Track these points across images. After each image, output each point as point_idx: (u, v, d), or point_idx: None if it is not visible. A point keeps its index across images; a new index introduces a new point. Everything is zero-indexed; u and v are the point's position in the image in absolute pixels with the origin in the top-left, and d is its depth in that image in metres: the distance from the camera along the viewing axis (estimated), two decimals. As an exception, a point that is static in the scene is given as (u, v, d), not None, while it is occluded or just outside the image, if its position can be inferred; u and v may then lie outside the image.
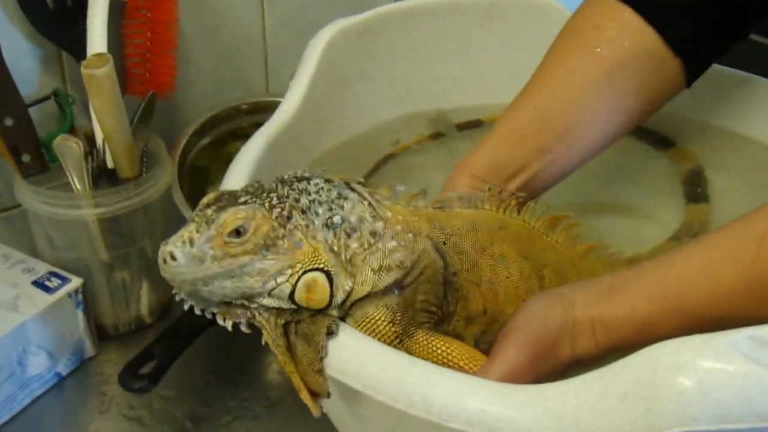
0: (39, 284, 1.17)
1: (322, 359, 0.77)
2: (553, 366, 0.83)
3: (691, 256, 0.83)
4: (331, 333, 0.78)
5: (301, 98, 1.16)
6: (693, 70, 1.08)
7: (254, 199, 0.78)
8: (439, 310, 0.87)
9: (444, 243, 0.87)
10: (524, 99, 1.08)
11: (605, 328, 0.83)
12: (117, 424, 1.14)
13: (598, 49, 1.05)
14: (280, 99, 1.16)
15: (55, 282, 1.17)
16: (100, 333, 1.25)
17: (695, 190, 1.24)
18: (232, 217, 0.76)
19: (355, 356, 0.76)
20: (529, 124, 1.06)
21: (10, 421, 1.13)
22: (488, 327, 0.90)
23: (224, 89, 1.52)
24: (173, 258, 0.75)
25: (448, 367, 0.80)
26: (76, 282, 1.18)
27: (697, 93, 1.15)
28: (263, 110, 1.45)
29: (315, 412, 0.80)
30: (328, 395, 0.79)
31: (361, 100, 1.33)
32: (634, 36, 1.04)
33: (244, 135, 1.39)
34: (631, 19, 1.04)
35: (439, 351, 0.82)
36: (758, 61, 1.28)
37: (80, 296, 1.18)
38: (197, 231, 0.76)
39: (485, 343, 0.89)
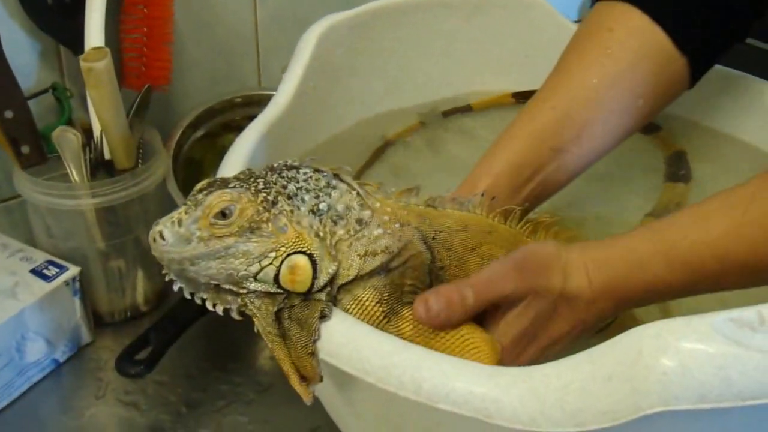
0: (37, 272, 1.17)
1: (315, 342, 0.78)
2: (546, 288, 0.83)
3: (685, 211, 0.87)
4: (324, 317, 0.78)
5: (294, 91, 1.16)
6: (697, 69, 1.10)
7: (242, 184, 0.78)
8: None
9: (433, 238, 0.88)
10: (541, 99, 1.09)
11: (598, 266, 0.84)
12: (113, 408, 1.14)
13: (610, 50, 1.07)
14: (273, 92, 1.16)
15: (52, 270, 1.17)
16: (97, 320, 1.26)
17: (677, 171, 1.25)
18: (217, 199, 0.76)
19: (346, 340, 0.76)
20: (547, 123, 1.07)
21: (8, 407, 1.13)
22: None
23: (217, 83, 1.52)
24: (162, 237, 0.76)
25: (434, 337, 0.81)
26: (73, 270, 1.18)
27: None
28: (256, 103, 1.46)
29: (306, 397, 0.80)
30: (321, 379, 0.79)
31: (351, 93, 1.33)
32: (643, 36, 1.06)
33: (237, 128, 1.39)
34: (640, 20, 1.06)
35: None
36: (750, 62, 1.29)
37: (77, 284, 1.18)
38: (186, 212, 0.77)
39: None
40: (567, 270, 0.84)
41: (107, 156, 1.23)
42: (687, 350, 0.62)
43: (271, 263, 0.77)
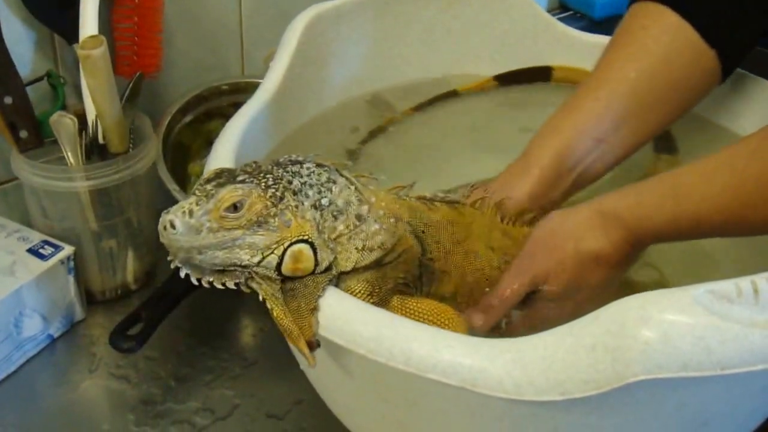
0: (34, 252, 1.16)
1: (318, 297, 0.78)
2: (558, 265, 0.90)
3: (691, 167, 0.89)
4: (330, 280, 0.80)
5: (281, 78, 1.16)
6: (727, 63, 1.11)
7: (251, 179, 0.79)
8: (414, 288, 0.89)
9: (423, 232, 0.90)
10: (584, 92, 1.11)
11: (607, 219, 0.89)
12: (105, 382, 1.14)
13: (646, 47, 1.09)
14: (257, 80, 1.18)
15: (48, 250, 1.17)
16: (89, 298, 1.25)
17: (666, 142, 1.24)
18: (229, 193, 0.77)
19: (339, 314, 0.76)
20: (589, 115, 1.08)
21: (5, 380, 1.13)
22: (456, 305, 0.92)
23: (203, 72, 1.51)
24: (173, 226, 0.76)
25: (420, 321, 0.82)
26: (68, 250, 1.17)
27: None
28: (242, 91, 1.46)
29: (311, 362, 0.79)
30: (318, 344, 0.79)
31: (335, 79, 1.33)
32: (675, 32, 1.08)
33: (223, 114, 1.39)
34: (671, 18, 1.08)
35: (411, 309, 0.85)
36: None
37: (72, 263, 1.18)
38: (197, 204, 0.77)
39: None
40: (578, 235, 0.89)
41: (101, 140, 1.22)
42: (669, 321, 0.62)
43: (273, 253, 0.78)
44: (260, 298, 0.80)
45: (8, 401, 1.10)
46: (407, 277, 0.87)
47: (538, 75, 1.41)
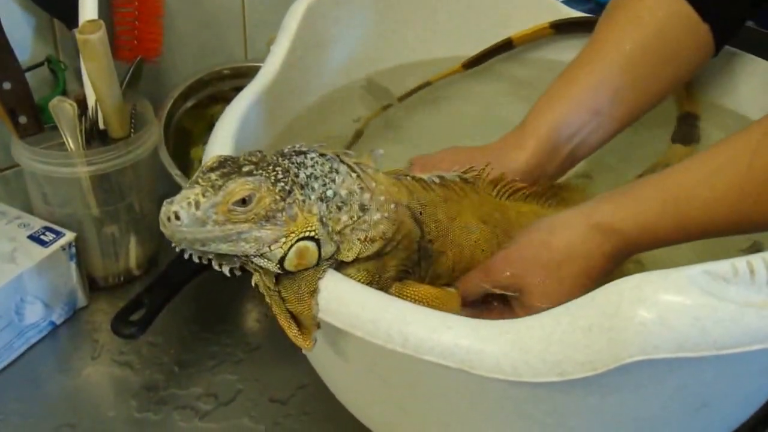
0: (34, 238, 1.17)
1: (319, 279, 0.78)
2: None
3: (689, 167, 0.87)
4: (331, 264, 0.80)
5: (282, 61, 1.15)
6: (720, 36, 1.11)
7: (259, 171, 0.77)
8: (412, 273, 0.89)
9: (420, 213, 0.89)
10: (579, 65, 1.12)
11: (608, 235, 0.87)
12: (108, 368, 1.14)
13: (640, 18, 1.10)
14: (259, 64, 1.16)
15: (49, 236, 1.17)
16: (91, 284, 1.25)
17: (686, 131, 1.24)
18: (240, 187, 0.75)
19: (336, 296, 0.77)
20: (585, 87, 1.09)
21: (8, 367, 1.14)
22: (452, 280, 0.93)
23: (206, 56, 1.51)
24: (177, 218, 0.74)
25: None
26: (69, 236, 1.18)
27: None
28: (244, 75, 1.45)
29: (307, 345, 0.80)
30: (318, 325, 0.79)
31: (336, 62, 1.33)
32: (669, 5, 1.08)
33: (225, 99, 1.39)
34: None
35: (409, 295, 0.85)
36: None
37: (73, 249, 1.18)
38: (203, 195, 0.75)
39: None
40: (570, 255, 0.88)
41: (102, 126, 1.22)
42: (665, 302, 0.62)
43: (279, 248, 0.77)
44: (253, 282, 0.81)
45: (11, 388, 1.11)
46: (406, 263, 0.87)
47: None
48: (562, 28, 1.39)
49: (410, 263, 0.88)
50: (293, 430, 1.05)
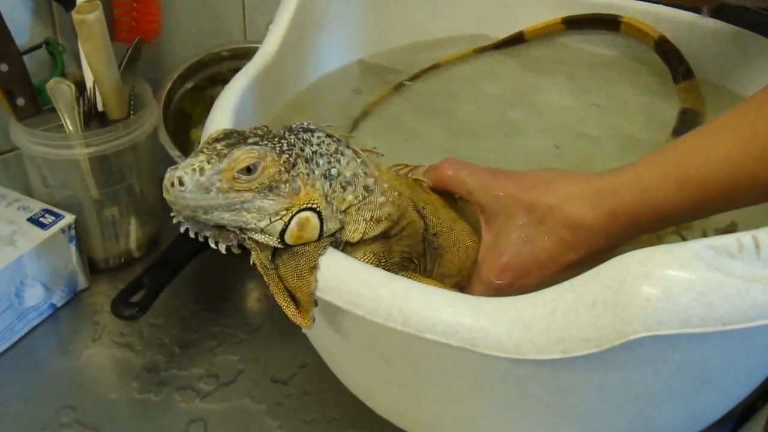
0: (34, 221, 1.16)
1: (320, 256, 0.78)
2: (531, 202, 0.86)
3: (691, 134, 0.83)
4: (332, 242, 0.80)
5: (280, 41, 1.15)
6: None
7: (264, 142, 0.77)
8: (419, 264, 0.88)
9: (423, 208, 0.89)
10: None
11: (602, 195, 0.83)
12: (109, 350, 1.14)
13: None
14: (258, 45, 1.15)
15: (49, 218, 1.16)
16: (92, 266, 1.25)
17: (687, 127, 1.21)
18: (245, 154, 0.75)
19: (335, 274, 0.76)
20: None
21: (8, 349, 1.13)
22: (460, 282, 0.92)
23: (205, 37, 1.51)
24: (181, 183, 0.73)
25: None
26: (68, 218, 1.17)
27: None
28: (242, 56, 1.44)
29: (305, 323, 0.79)
30: (316, 303, 0.78)
31: (334, 42, 1.32)
32: None
33: (224, 80, 1.37)
34: None
35: None
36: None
37: (73, 232, 1.18)
38: (208, 162, 0.74)
39: None
40: (567, 198, 0.84)
41: (100, 107, 1.22)
42: (670, 277, 0.61)
43: (280, 219, 0.77)
44: (251, 261, 0.80)
45: (12, 371, 1.10)
46: (412, 252, 0.86)
47: (607, 24, 1.37)
48: (573, 24, 1.37)
49: (416, 253, 0.87)
50: (294, 410, 1.05)
